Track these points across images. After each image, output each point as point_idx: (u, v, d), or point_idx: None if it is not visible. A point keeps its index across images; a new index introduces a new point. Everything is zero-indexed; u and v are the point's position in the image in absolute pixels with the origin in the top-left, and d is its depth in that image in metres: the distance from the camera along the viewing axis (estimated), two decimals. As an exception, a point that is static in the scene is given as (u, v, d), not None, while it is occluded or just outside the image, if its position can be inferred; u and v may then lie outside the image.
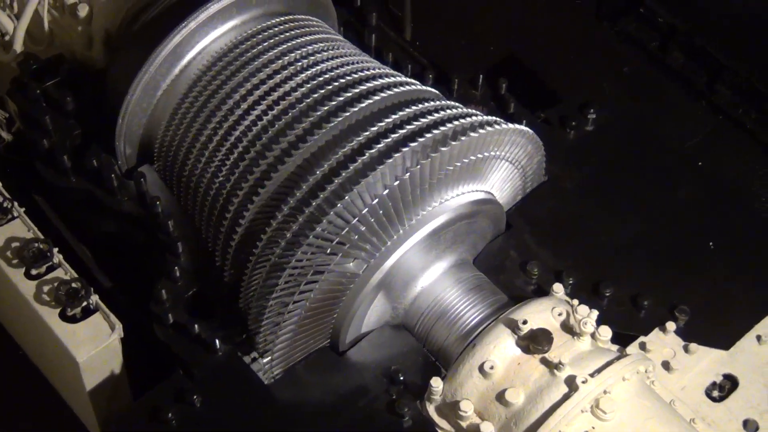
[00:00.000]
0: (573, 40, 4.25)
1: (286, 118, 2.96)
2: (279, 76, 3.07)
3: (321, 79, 3.04)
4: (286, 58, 3.11)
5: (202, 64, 3.17)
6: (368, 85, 3.01)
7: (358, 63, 3.15)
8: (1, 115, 3.37)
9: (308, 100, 2.98)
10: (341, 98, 2.96)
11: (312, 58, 3.12)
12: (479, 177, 3.03)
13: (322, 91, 3.00)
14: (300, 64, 3.09)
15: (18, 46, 3.48)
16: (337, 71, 3.07)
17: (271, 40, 3.17)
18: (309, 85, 3.02)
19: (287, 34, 3.20)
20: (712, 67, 4.11)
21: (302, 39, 3.19)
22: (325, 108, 2.94)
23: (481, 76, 3.50)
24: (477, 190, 3.03)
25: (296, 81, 3.04)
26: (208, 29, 3.16)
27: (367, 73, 3.09)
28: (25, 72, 3.39)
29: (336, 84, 3.02)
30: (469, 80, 3.51)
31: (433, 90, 3.16)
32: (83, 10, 3.37)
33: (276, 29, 3.20)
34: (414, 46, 3.68)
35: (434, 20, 4.16)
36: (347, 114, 2.91)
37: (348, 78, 3.04)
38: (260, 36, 3.19)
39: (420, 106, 2.96)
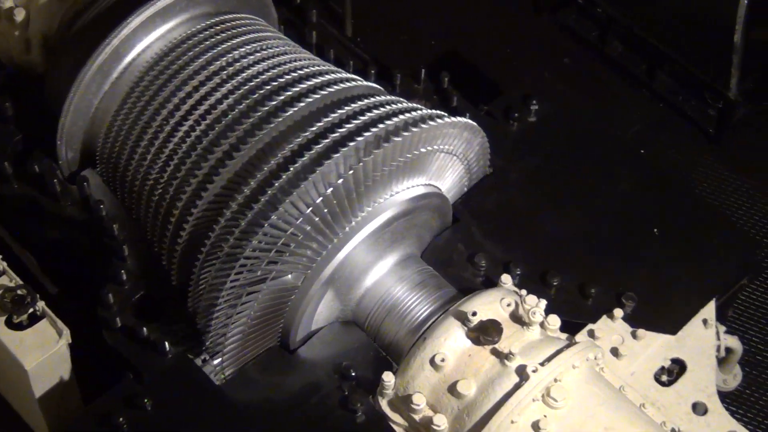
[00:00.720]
0: (513, 32, 4.30)
1: (228, 119, 2.94)
2: (220, 75, 3.05)
3: (261, 78, 3.03)
4: (227, 57, 3.10)
5: (142, 65, 3.15)
6: (309, 82, 3.00)
7: (298, 61, 3.14)
8: None
9: (249, 101, 2.97)
10: (281, 98, 2.94)
11: (253, 57, 3.11)
12: (424, 171, 3.03)
13: (263, 90, 2.99)
14: (241, 63, 3.08)
15: None
16: (277, 70, 3.06)
17: (212, 39, 3.15)
18: (249, 85, 3.01)
19: (228, 33, 3.18)
20: (652, 55, 4.18)
21: (243, 38, 3.17)
22: (267, 108, 2.93)
23: (423, 70, 3.50)
24: (422, 184, 3.04)
25: (237, 81, 3.03)
26: (148, 30, 3.14)
27: (308, 71, 3.08)
28: None
29: (276, 83, 3.00)
30: (412, 75, 3.51)
31: (375, 86, 3.16)
32: (20, 15, 3.33)
33: (216, 28, 3.19)
34: (355, 43, 3.68)
35: (375, 16, 4.18)
36: (288, 114, 2.90)
37: (288, 76, 3.03)
38: (201, 36, 3.16)
39: (362, 102, 2.96)
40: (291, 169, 2.78)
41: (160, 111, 3.06)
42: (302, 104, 2.91)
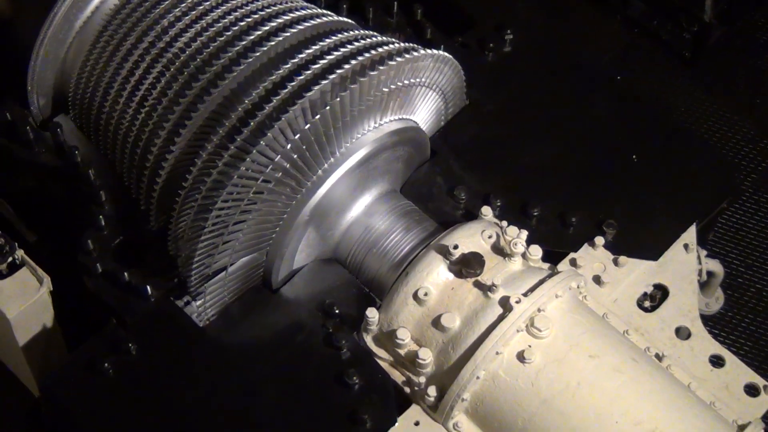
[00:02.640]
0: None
1: (202, 56, 2.94)
2: (191, 14, 3.04)
3: (233, 15, 3.01)
4: None
5: (111, 5, 3.13)
6: (281, 19, 2.99)
7: None
8: None
9: (221, 39, 2.95)
10: (257, 33, 2.94)
11: None
12: (401, 105, 3.03)
13: (236, 28, 2.97)
14: (211, 1, 3.06)
15: None
16: (249, 7, 3.05)
17: None
18: (222, 23, 3.00)
19: None
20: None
21: None
22: (240, 45, 2.92)
23: (395, 2, 3.47)
24: (399, 119, 3.04)
25: (209, 19, 3.02)
26: (117, -37, 3.12)
27: (280, 7, 3.06)
28: None
29: (249, 20, 2.99)
30: (384, 8, 3.48)
31: (348, 20, 3.15)
32: (-20, -59, 3.32)
33: None
34: None
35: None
36: (263, 50, 2.89)
37: (261, 13, 3.02)
38: None
39: (335, 37, 2.95)
40: (260, 114, 2.78)
41: (132, 51, 3.04)
42: (276, 41, 2.91)
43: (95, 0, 3.12)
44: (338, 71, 2.79)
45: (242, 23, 2.98)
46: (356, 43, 2.92)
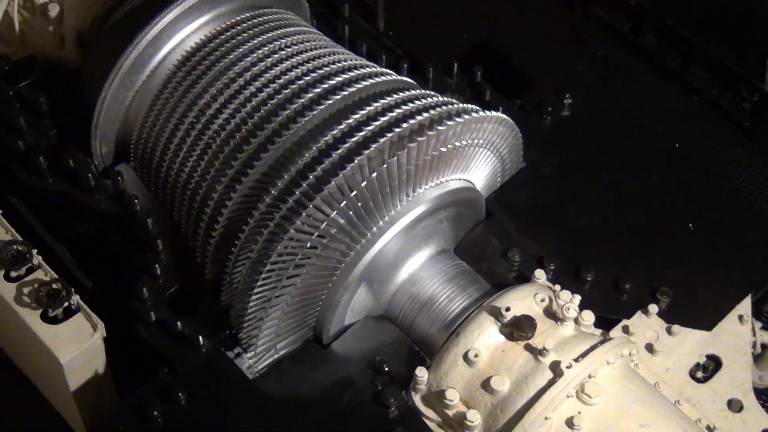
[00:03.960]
0: (546, 25, 4.26)
1: (262, 113, 2.96)
2: (253, 70, 3.07)
3: (295, 72, 3.04)
4: (260, 52, 3.11)
5: (176, 60, 3.17)
6: (342, 77, 3.01)
7: (331, 55, 3.15)
8: None
9: (283, 94, 2.98)
10: (316, 91, 2.96)
11: (285, 51, 3.12)
12: (458, 165, 3.03)
13: (297, 84, 3.00)
14: (273, 57, 3.09)
15: None
16: (311, 64, 3.08)
17: (245, 35, 3.17)
18: (283, 79, 3.02)
19: (260, 27, 3.20)
20: (686, 48, 4.14)
21: (275, 32, 3.19)
22: (301, 101, 2.94)
23: (455, 64, 3.51)
24: (456, 179, 3.04)
25: (270, 75, 3.04)
26: (182, 25, 3.16)
27: (341, 65, 3.09)
28: None
29: (310, 77, 3.02)
30: (444, 68, 3.52)
31: (408, 80, 3.17)
32: (54, 10, 3.37)
33: (249, 23, 3.20)
34: (387, 36, 3.69)
35: (406, 9, 4.16)
36: (322, 107, 2.91)
37: (322, 71, 3.04)
38: (233, 30, 3.18)
39: (395, 96, 2.96)
40: (318, 169, 2.79)
41: (193, 105, 3.07)
42: (335, 99, 2.93)
43: (161, 52, 3.16)
44: (396, 130, 2.80)
45: (302, 81, 3.00)
46: (415, 103, 2.94)
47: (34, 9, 3.42)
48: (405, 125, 2.81)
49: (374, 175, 2.76)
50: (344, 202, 2.76)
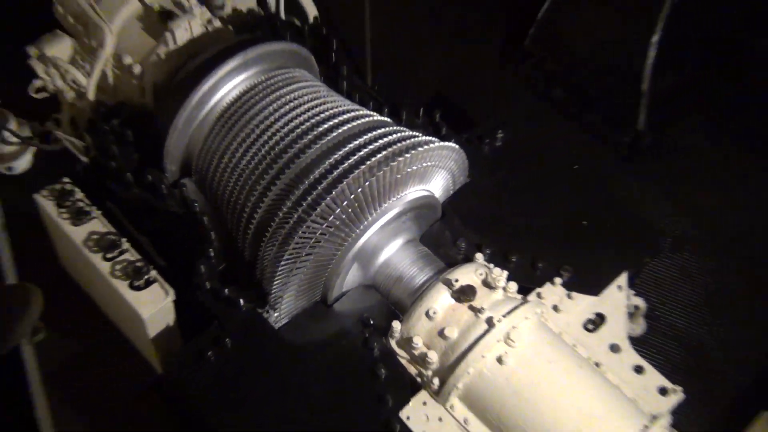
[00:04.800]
0: (485, 82, 4.29)
1: (285, 142, 2.96)
2: (279, 112, 3.06)
3: (308, 114, 3.03)
4: (283, 100, 3.10)
5: (222, 106, 3.16)
6: (342, 117, 3.02)
7: (334, 102, 3.14)
8: (81, 145, 3.33)
9: (301, 129, 2.98)
10: (324, 126, 2.96)
11: (301, 99, 3.11)
12: (422, 179, 3.05)
13: (310, 122, 2.99)
14: (293, 104, 3.08)
15: (91, 96, 3.48)
16: (319, 108, 3.06)
17: (272, 87, 3.16)
18: (300, 119, 3.01)
19: (283, 82, 3.19)
20: (584, 99, 4.19)
21: (294, 86, 3.18)
22: (313, 133, 2.94)
23: (421, 108, 3.48)
24: (420, 189, 3.05)
25: (291, 116, 3.03)
26: (227, 81, 3.16)
27: (341, 108, 3.09)
28: (97, 114, 3.39)
29: (320, 117, 3.01)
30: (413, 112, 3.49)
31: (387, 119, 3.18)
32: (137, 69, 3.37)
33: (276, 79, 3.19)
34: (373, 89, 3.68)
35: (387, 71, 4.20)
36: (329, 137, 2.92)
37: (327, 113, 3.04)
38: (264, 85, 3.17)
39: (379, 131, 2.98)
40: (326, 181, 2.81)
41: (236, 138, 3.07)
42: (338, 131, 2.93)
43: (212, 100, 3.15)
44: (380, 154, 2.82)
45: (314, 120, 3.00)
46: (393, 136, 2.95)
47: (122, 68, 3.42)
48: (386, 151, 2.83)
49: (367, 184, 2.79)
50: (345, 203, 2.77)
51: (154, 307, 2.96)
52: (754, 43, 4.52)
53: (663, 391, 2.86)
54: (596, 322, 2.99)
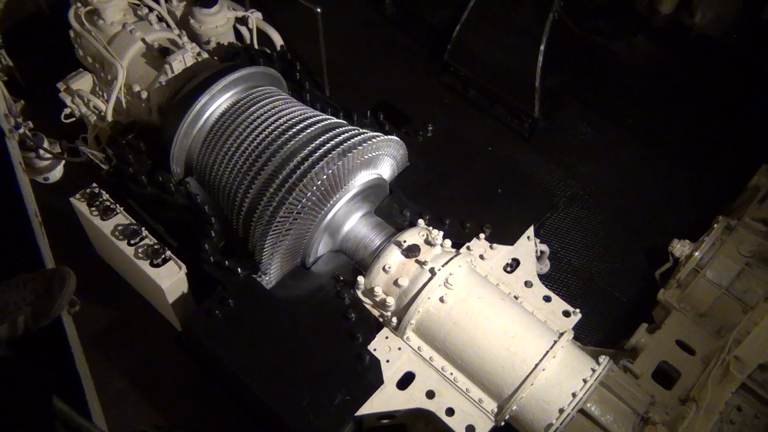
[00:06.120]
0: (418, 88, 4.30)
1: (266, 143, 2.93)
2: (260, 119, 3.02)
3: (282, 120, 3.00)
4: (262, 110, 3.06)
5: (214, 117, 3.11)
6: (309, 121, 2.99)
7: (301, 110, 3.11)
8: (102, 156, 3.30)
9: (276, 132, 2.94)
10: (296, 128, 2.93)
11: (275, 109, 3.07)
12: (373, 165, 3.03)
13: (284, 126, 2.97)
14: (270, 113, 3.04)
15: (109, 118, 3.42)
16: (290, 115, 3.04)
17: (252, 101, 3.11)
18: (276, 123, 2.98)
19: (261, 97, 3.14)
20: (492, 95, 4.20)
21: (269, 99, 3.13)
22: (288, 134, 2.92)
23: (368, 111, 3.45)
24: (372, 173, 3.03)
25: (269, 122, 3.00)
26: (216, 98, 3.11)
27: (307, 114, 3.06)
28: (115, 131, 3.33)
29: (291, 122, 2.98)
30: (362, 114, 3.45)
31: (343, 121, 3.15)
32: (144, 94, 3.32)
33: (255, 95, 3.14)
34: (331, 99, 3.65)
35: (341, 84, 4.17)
36: (300, 136, 2.89)
37: (297, 118, 3.01)
38: (245, 100, 3.12)
39: (338, 129, 2.95)
40: (300, 169, 2.78)
41: (226, 142, 3.03)
42: (307, 131, 2.91)
43: (205, 114, 3.10)
44: (338, 149, 2.80)
45: (286, 124, 2.97)
46: (349, 133, 2.93)
47: (133, 94, 3.36)
48: (344, 145, 2.81)
49: (330, 172, 2.76)
50: (315, 187, 2.75)
51: (170, 279, 2.94)
52: (614, 47, 4.60)
53: (566, 314, 2.89)
54: (513, 265, 3.01)
